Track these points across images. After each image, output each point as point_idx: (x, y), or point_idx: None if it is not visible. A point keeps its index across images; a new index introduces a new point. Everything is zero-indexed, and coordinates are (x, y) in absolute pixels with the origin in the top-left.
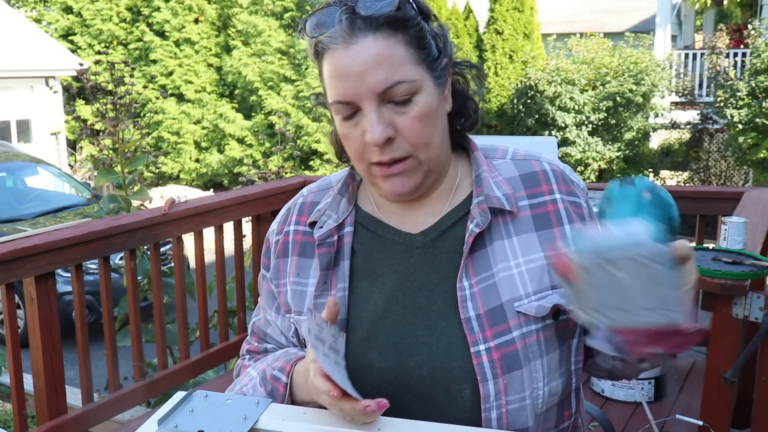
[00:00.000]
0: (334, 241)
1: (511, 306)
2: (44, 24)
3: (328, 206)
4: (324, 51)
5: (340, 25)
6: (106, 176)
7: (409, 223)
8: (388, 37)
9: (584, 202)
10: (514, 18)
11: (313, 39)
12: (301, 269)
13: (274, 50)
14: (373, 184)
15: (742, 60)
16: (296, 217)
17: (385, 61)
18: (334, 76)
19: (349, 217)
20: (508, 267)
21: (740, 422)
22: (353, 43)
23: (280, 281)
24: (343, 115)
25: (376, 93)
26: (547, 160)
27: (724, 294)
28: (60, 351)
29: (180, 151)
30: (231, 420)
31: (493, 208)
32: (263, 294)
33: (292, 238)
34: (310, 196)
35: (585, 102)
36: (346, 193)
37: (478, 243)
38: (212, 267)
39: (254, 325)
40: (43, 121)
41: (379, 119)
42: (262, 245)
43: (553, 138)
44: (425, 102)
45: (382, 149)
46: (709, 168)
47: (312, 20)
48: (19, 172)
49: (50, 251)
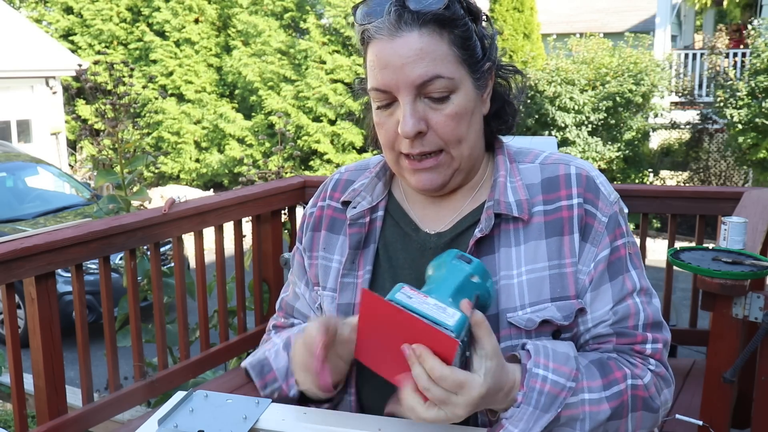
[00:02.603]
0: (366, 222)
1: (504, 316)
2: (44, 24)
3: (363, 188)
4: (370, 40)
5: (388, 17)
6: (105, 177)
7: (429, 219)
8: (432, 34)
9: (603, 216)
10: (513, 18)
11: (360, 27)
12: (328, 244)
13: (274, 50)
14: (401, 175)
15: (741, 60)
16: (330, 192)
17: (427, 56)
18: (375, 65)
19: (382, 201)
20: (510, 275)
21: (740, 422)
22: (398, 36)
23: (313, 253)
24: (380, 103)
25: (414, 85)
26: (579, 164)
27: (724, 294)
28: (60, 351)
29: (180, 151)
30: (231, 420)
31: (502, 214)
32: (295, 267)
33: (325, 212)
34: (346, 173)
35: (585, 102)
36: (383, 177)
37: (486, 248)
38: (212, 267)
39: (282, 301)
40: (43, 121)
41: (413, 112)
42: (262, 245)
43: (553, 138)
44: (461, 101)
45: (412, 142)
46: (708, 168)
47: (362, 8)
48: (20, 172)
49: (50, 251)
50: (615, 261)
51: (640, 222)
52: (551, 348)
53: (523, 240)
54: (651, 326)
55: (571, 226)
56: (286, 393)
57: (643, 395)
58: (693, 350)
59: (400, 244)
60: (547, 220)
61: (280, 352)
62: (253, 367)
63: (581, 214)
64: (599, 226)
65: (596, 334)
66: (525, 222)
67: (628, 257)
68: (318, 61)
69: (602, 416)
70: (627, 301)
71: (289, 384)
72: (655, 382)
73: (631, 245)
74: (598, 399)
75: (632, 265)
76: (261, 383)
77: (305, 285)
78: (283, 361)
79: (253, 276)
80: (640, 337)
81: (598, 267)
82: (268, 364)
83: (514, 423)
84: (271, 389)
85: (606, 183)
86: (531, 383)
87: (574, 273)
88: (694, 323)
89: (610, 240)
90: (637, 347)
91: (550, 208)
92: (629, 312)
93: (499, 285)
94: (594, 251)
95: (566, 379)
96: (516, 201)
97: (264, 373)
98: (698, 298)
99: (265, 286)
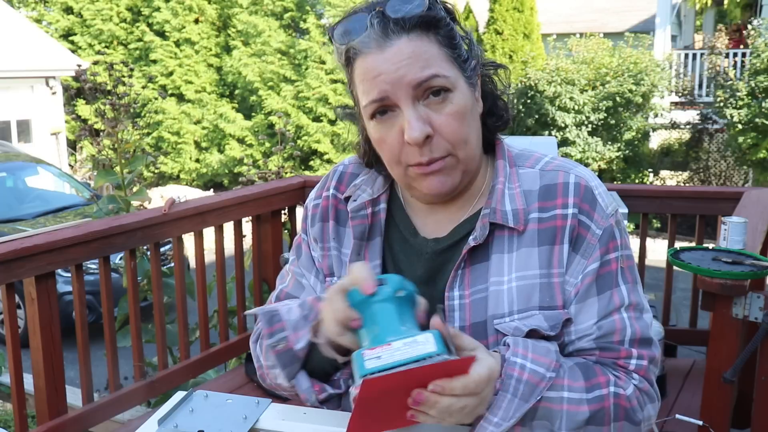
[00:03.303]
0: (368, 214)
1: (492, 323)
2: (44, 24)
3: (363, 182)
4: (356, 56)
5: (372, 30)
6: (105, 177)
7: (429, 224)
8: (421, 37)
9: (597, 228)
10: (513, 18)
11: (343, 46)
12: (337, 234)
13: (274, 50)
14: (410, 186)
15: (741, 60)
16: (335, 183)
17: (420, 57)
18: (369, 78)
19: (384, 194)
20: (500, 282)
21: (740, 422)
22: (387, 46)
23: (325, 244)
24: (379, 116)
25: (412, 87)
26: (579, 173)
27: (724, 294)
28: (60, 351)
29: (180, 151)
30: (231, 420)
31: (497, 223)
32: (302, 258)
33: (331, 202)
34: (350, 166)
35: (585, 102)
36: (384, 171)
37: (480, 255)
38: (212, 267)
39: (282, 292)
40: (43, 121)
41: (417, 116)
42: (261, 245)
43: (553, 138)
44: (460, 100)
45: (421, 149)
46: (708, 168)
47: (340, 28)
48: (20, 172)
49: (50, 251)
50: (604, 275)
51: (640, 222)
52: (531, 342)
53: (516, 247)
54: (638, 342)
55: (562, 236)
56: (291, 345)
57: (625, 405)
58: (693, 350)
59: (399, 246)
60: (541, 227)
61: (293, 309)
62: (264, 315)
63: (574, 224)
64: (592, 239)
65: (579, 347)
66: (519, 231)
67: (619, 271)
68: (318, 61)
69: (580, 417)
70: (613, 317)
71: (298, 336)
72: (637, 396)
73: (625, 259)
74: (578, 399)
75: (623, 280)
76: (268, 330)
77: (315, 276)
78: (295, 315)
79: (253, 276)
80: (624, 353)
81: (585, 280)
82: (278, 315)
83: (494, 411)
84: (277, 338)
85: (605, 194)
86: (509, 371)
87: (561, 284)
88: (694, 323)
89: (601, 253)
90: (621, 362)
91: (545, 215)
92: (614, 328)
93: (489, 291)
94: (583, 263)
95: (546, 369)
96: (513, 210)
97: (273, 321)
98: (698, 298)
99: (265, 286)
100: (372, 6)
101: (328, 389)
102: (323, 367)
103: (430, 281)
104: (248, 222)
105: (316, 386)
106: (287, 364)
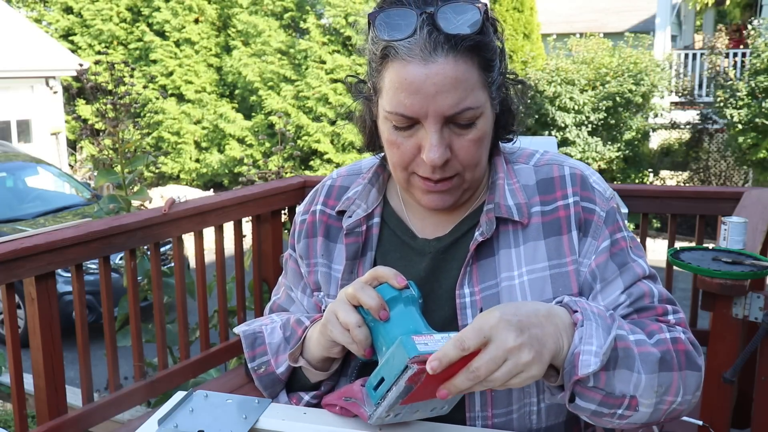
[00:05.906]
0: (363, 231)
1: None
2: (44, 24)
3: (357, 195)
4: (395, 57)
5: (421, 37)
6: (105, 176)
7: (428, 226)
8: (466, 62)
9: (601, 210)
10: (513, 18)
11: (383, 41)
12: (326, 251)
13: (274, 50)
14: (409, 191)
15: (741, 60)
16: (323, 198)
17: (461, 85)
18: (403, 88)
19: (377, 207)
20: (510, 277)
21: (740, 422)
22: (432, 61)
23: (311, 260)
24: (399, 125)
25: (445, 116)
26: (572, 164)
27: (724, 294)
28: (60, 351)
29: (180, 151)
30: (231, 420)
31: (502, 218)
32: (289, 273)
33: (319, 218)
34: (339, 179)
35: (585, 102)
36: (377, 183)
37: (486, 251)
38: (212, 267)
39: (274, 303)
40: (43, 121)
41: (441, 141)
42: (261, 245)
43: (553, 138)
44: (484, 125)
45: (434, 168)
46: (708, 168)
47: (383, 17)
48: (20, 172)
49: (50, 251)
50: (618, 252)
51: (640, 222)
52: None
53: (522, 241)
54: (668, 302)
55: (568, 224)
56: (273, 369)
57: (684, 348)
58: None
59: (399, 253)
60: (545, 221)
61: (276, 330)
62: (246, 337)
63: (578, 211)
64: (599, 220)
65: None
66: (523, 224)
67: (629, 249)
68: (318, 61)
69: (653, 358)
70: (638, 284)
71: (278, 361)
72: (691, 340)
73: (631, 239)
74: (644, 341)
75: (636, 255)
76: (250, 354)
77: (302, 291)
78: (277, 338)
79: (253, 276)
80: (661, 309)
81: (600, 258)
82: (261, 337)
83: (588, 341)
84: (258, 362)
85: (600, 181)
86: (581, 305)
87: (576, 269)
88: (694, 323)
89: (610, 232)
90: (661, 318)
91: (547, 209)
92: (643, 292)
93: (501, 287)
94: (595, 244)
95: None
96: (516, 204)
97: (255, 345)
98: (698, 298)
99: (265, 286)
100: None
101: (305, 397)
102: (303, 385)
103: (434, 280)
104: (248, 222)
105: (293, 399)
106: (269, 386)
